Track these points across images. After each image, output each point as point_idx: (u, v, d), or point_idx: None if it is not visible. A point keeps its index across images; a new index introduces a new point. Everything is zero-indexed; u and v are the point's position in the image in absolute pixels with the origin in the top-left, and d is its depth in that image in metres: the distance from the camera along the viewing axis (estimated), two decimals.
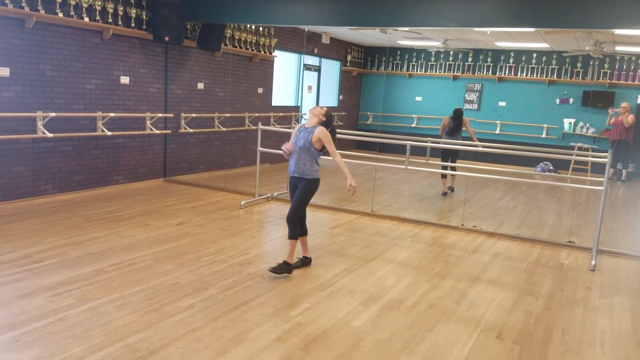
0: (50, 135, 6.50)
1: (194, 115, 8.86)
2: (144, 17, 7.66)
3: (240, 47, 9.61)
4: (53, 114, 6.52)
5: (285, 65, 11.36)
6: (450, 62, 13.25)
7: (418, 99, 13.66)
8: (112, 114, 7.30)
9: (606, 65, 11.80)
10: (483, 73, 12.90)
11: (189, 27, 8.51)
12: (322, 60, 12.64)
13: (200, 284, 4.34)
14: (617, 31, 7.25)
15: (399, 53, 13.86)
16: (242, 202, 7.24)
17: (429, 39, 11.44)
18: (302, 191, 4.66)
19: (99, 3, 6.94)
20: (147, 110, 8.02)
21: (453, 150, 8.51)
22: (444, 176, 8.93)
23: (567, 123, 12.22)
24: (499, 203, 8.64)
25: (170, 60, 8.38)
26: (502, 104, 12.80)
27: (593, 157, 7.05)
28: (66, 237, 5.33)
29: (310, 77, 12.33)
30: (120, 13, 7.27)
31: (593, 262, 5.53)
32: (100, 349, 3.19)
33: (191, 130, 8.83)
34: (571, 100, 12.24)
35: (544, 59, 12.35)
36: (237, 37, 9.49)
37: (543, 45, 11.37)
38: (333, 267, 4.97)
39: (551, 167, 11.80)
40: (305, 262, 4.94)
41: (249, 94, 10.22)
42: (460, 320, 3.98)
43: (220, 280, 4.44)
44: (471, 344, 3.61)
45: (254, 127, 8.14)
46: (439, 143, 8.45)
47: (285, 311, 3.93)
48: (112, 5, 7.11)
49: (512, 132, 12.54)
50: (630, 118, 10.95)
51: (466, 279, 4.91)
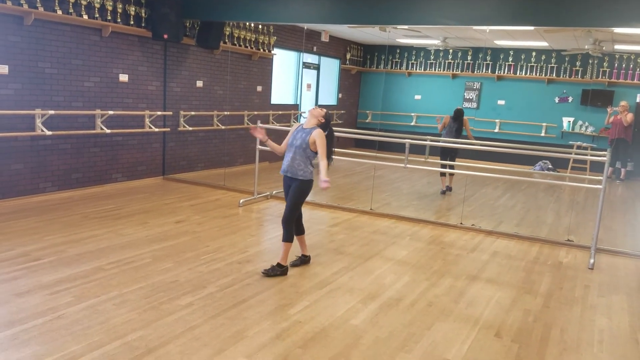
0: (49, 133, 6.50)
1: (192, 113, 8.85)
2: (143, 14, 7.64)
3: (240, 45, 9.60)
4: (52, 112, 6.52)
5: (284, 63, 11.35)
6: (450, 61, 13.25)
7: (417, 97, 13.67)
8: (111, 112, 7.29)
9: (605, 64, 11.80)
10: (482, 71, 12.91)
11: (188, 24, 8.50)
12: (322, 58, 12.63)
13: (199, 282, 4.34)
14: (617, 30, 7.27)
15: (398, 51, 13.85)
16: (241, 201, 7.24)
17: (429, 37, 11.43)
18: (296, 192, 4.63)
19: (98, 0, 6.92)
20: (146, 108, 8.01)
21: (452, 149, 8.50)
22: (443, 174, 8.92)
23: (566, 122, 12.23)
24: (497, 202, 8.65)
25: (169, 58, 8.37)
26: (501, 102, 12.80)
27: (592, 155, 7.05)
28: (65, 234, 5.32)
29: (309, 75, 12.32)
30: (119, 11, 7.26)
31: (592, 261, 5.53)
32: (98, 347, 3.19)
33: (190, 129, 8.82)
34: (570, 99, 12.25)
35: (543, 57, 12.36)
36: (236, 35, 9.48)
37: (542, 44, 11.37)
38: (332, 266, 4.97)
39: (550, 166, 11.81)
40: (304, 260, 4.94)
41: (248, 92, 10.21)
42: (458, 318, 3.99)
43: (219, 278, 4.44)
44: (470, 342, 3.61)
45: (253, 125, 8.12)
46: (439, 142, 8.46)
47: (284, 309, 3.93)
48: (111, 3, 7.10)
49: (511, 131, 12.55)
50: (629, 117, 10.96)
51: (465, 277, 4.92)
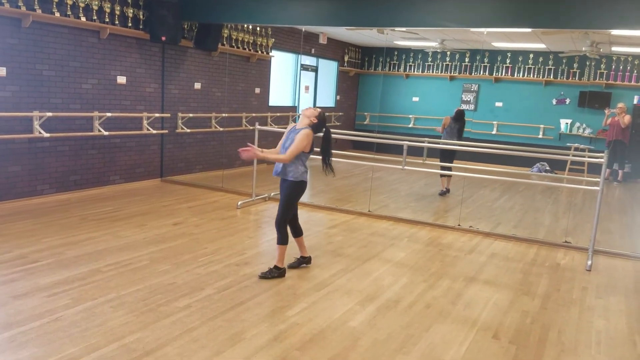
0: (46, 135, 6.49)
1: (191, 115, 8.84)
2: (141, 16, 7.65)
3: (238, 47, 9.61)
4: (50, 114, 6.51)
5: (282, 65, 11.35)
6: (447, 63, 13.26)
7: (415, 99, 13.68)
8: (108, 114, 7.29)
9: (602, 66, 11.82)
10: (480, 73, 12.92)
11: (186, 27, 8.50)
12: (320, 60, 12.64)
13: (197, 284, 4.33)
14: (614, 32, 7.28)
15: (396, 53, 13.87)
16: (239, 203, 7.24)
17: (426, 40, 11.45)
18: (286, 194, 4.56)
19: (96, 3, 6.92)
20: (144, 110, 8.01)
21: (452, 151, 8.51)
22: (444, 175, 8.91)
23: (564, 123, 12.25)
24: (495, 203, 8.65)
25: (167, 60, 8.37)
26: (499, 104, 12.82)
27: (589, 157, 7.06)
28: (62, 237, 5.32)
29: (307, 77, 12.33)
30: (117, 13, 7.26)
31: (589, 262, 5.54)
32: (96, 349, 3.18)
33: (188, 130, 8.82)
34: (568, 101, 12.27)
35: (540, 59, 12.38)
36: (234, 37, 9.48)
37: (540, 46, 11.39)
38: (330, 267, 4.97)
39: (547, 168, 11.82)
40: (303, 261, 4.91)
41: (246, 94, 10.21)
42: (456, 320, 3.99)
43: (216, 280, 4.44)
44: (467, 343, 3.62)
45: (251, 127, 8.14)
46: (437, 143, 8.46)
47: (282, 311, 3.93)
48: (109, 5, 7.10)
49: (509, 133, 12.56)
50: (627, 118, 10.99)
51: (462, 279, 4.92)
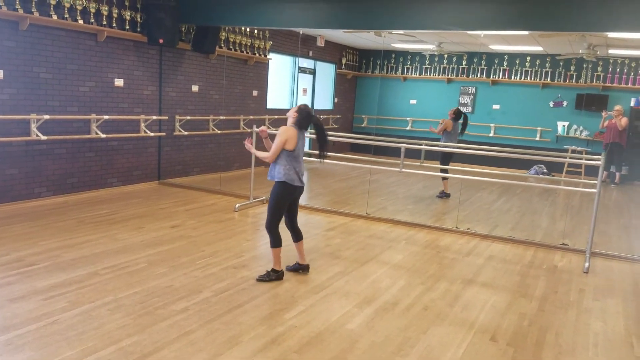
0: (44, 137, 6.48)
1: (188, 117, 8.84)
2: (139, 19, 7.65)
3: (235, 50, 9.61)
4: (47, 117, 6.50)
5: (280, 67, 11.36)
6: (445, 65, 13.30)
7: (413, 101, 13.71)
8: (106, 117, 7.28)
9: (599, 68, 11.86)
10: (477, 76, 12.95)
11: (183, 29, 8.51)
12: (317, 63, 12.66)
13: (194, 286, 4.33)
14: (611, 34, 7.31)
15: (393, 56, 13.90)
16: (237, 205, 7.23)
17: (424, 42, 11.47)
18: (271, 195, 4.53)
19: (94, 5, 6.92)
20: (141, 112, 8.00)
21: (452, 154, 8.51)
22: (445, 178, 8.87)
23: (561, 126, 12.28)
24: (493, 206, 8.66)
25: (165, 62, 8.37)
26: (496, 107, 12.85)
27: (586, 159, 7.08)
28: (60, 240, 5.31)
29: (305, 80, 12.35)
30: (115, 15, 7.26)
31: (586, 265, 5.55)
32: (93, 353, 3.18)
33: (186, 133, 8.82)
34: (565, 103, 12.30)
35: (537, 62, 12.41)
36: (231, 40, 9.49)
37: (537, 49, 11.42)
38: (327, 270, 4.97)
39: (545, 170, 11.85)
40: (299, 268, 4.80)
41: (244, 96, 10.22)
42: (454, 322, 3.99)
43: (214, 283, 4.44)
44: (465, 346, 3.62)
45: (249, 130, 8.12)
46: (434, 146, 8.47)
47: (280, 314, 3.92)
48: (106, 8, 7.10)
49: (506, 135, 12.59)
50: (624, 121, 11.02)
51: (460, 281, 4.92)
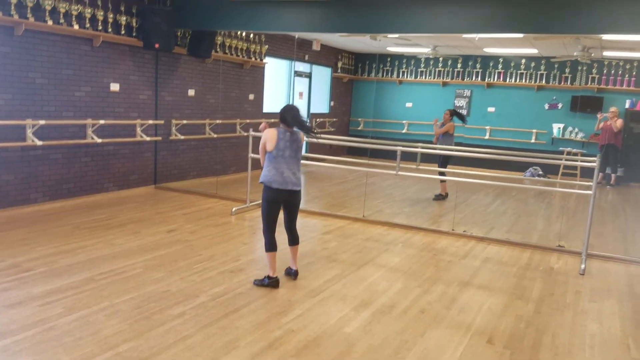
0: (39, 143, 6.47)
1: (184, 122, 8.84)
2: (134, 24, 7.65)
3: (231, 54, 9.62)
4: (43, 122, 6.49)
5: (276, 71, 11.37)
6: (440, 69, 13.34)
7: (408, 105, 13.75)
8: (102, 121, 7.28)
9: (594, 71, 11.91)
10: (472, 79, 12.99)
11: (179, 34, 8.51)
12: (313, 66, 12.68)
13: (191, 291, 4.32)
14: (605, 37, 7.34)
15: (389, 60, 13.93)
16: (234, 209, 7.23)
17: (419, 46, 11.50)
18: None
19: (89, 10, 6.92)
20: (137, 117, 8.00)
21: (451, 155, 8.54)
22: (444, 180, 8.90)
23: (556, 128, 12.32)
24: (489, 208, 8.69)
25: (161, 67, 8.37)
26: (491, 109, 12.89)
27: (582, 161, 7.10)
28: (56, 245, 5.29)
29: (301, 84, 12.36)
30: (110, 20, 7.26)
31: (582, 266, 5.57)
32: (89, 358, 3.17)
33: (182, 137, 8.82)
34: (560, 106, 12.35)
35: (532, 64, 12.46)
36: (227, 44, 9.50)
37: (532, 51, 11.47)
38: (324, 273, 4.97)
39: (540, 172, 11.89)
40: (290, 272, 4.78)
41: (240, 100, 10.22)
42: (451, 325, 4.00)
43: (211, 287, 4.43)
44: (462, 348, 3.62)
45: (245, 134, 8.13)
46: (430, 149, 8.48)
47: (277, 318, 3.92)
48: (102, 13, 7.10)
49: (502, 138, 12.62)
50: (619, 122, 11.07)
51: (457, 283, 4.93)
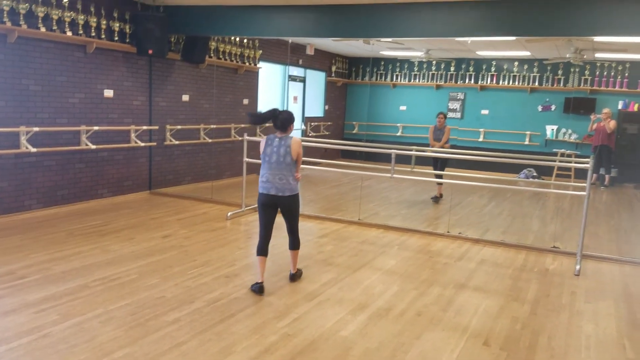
0: (33, 150, 6.45)
1: (179, 127, 8.83)
2: (128, 30, 7.64)
3: (225, 59, 9.63)
4: (36, 129, 6.47)
5: (270, 76, 11.38)
6: (433, 72, 13.39)
7: (402, 108, 13.79)
8: (96, 128, 7.26)
9: (587, 72, 11.99)
10: (465, 82, 13.04)
11: (173, 39, 8.51)
12: (307, 71, 12.70)
13: (186, 297, 4.31)
14: (597, 38, 7.38)
15: (382, 63, 13.98)
16: (229, 213, 7.22)
17: (412, 49, 11.55)
18: None
19: (82, 17, 6.91)
20: (131, 123, 7.98)
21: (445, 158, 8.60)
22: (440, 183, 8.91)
23: (550, 130, 12.38)
24: (483, 210, 8.70)
25: (155, 73, 8.36)
26: (485, 112, 12.94)
27: (576, 163, 7.14)
28: (50, 252, 5.27)
29: (295, 88, 12.38)
30: (104, 27, 7.25)
31: (578, 267, 5.58)
32: None
33: (176, 142, 8.80)
34: (553, 107, 12.41)
35: (525, 67, 12.53)
36: (221, 49, 9.51)
37: (524, 54, 11.53)
38: (321, 277, 4.97)
39: (535, 174, 11.93)
40: (292, 275, 4.83)
41: (234, 105, 10.22)
42: (447, 327, 4.00)
43: (206, 293, 4.42)
44: (458, 351, 3.62)
45: (240, 138, 8.12)
46: (429, 152, 8.51)
47: (273, 322, 3.91)
48: (95, 19, 7.09)
49: (496, 140, 12.68)
50: (612, 124, 11.13)
51: (453, 286, 4.94)
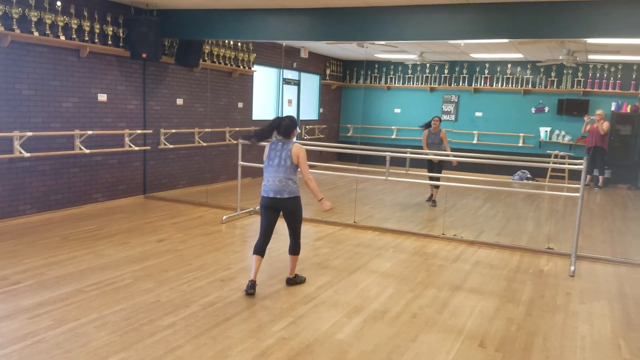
0: (27, 154, 6.42)
1: (173, 131, 8.82)
2: (121, 34, 7.63)
3: (219, 63, 9.63)
4: (30, 134, 6.45)
5: (264, 79, 11.39)
6: (427, 75, 13.43)
7: (397, 110, 13.82)
8: (90, 132, 7.24)
9: (580, 74, 12.06)
10: (459, 84, 13.09)
11: (166, 43, 8.50)
12: (302, 74, 12.71)
13: (181, 301, 4.29)
14: (589, 40, 7.43)
15: (376, 66, 14.01)
16: (224, 217, 7.21)
17: (406, 52, 11.58)
18: None
19: (75, 21, 6.90)
20: (125, 127, 7.96)
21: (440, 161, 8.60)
22: (437, 186, 8.93)
23: (543, 131, 12.44)
24: (478, 212, 8.73)
25: (149, 76, 8.35)
26: (478, 114, 12.99)
27: (569, 164, 7.18)
28: (44, 257, 5.24)
29: (290, 91, 12.39)
30: (97, 31, 7.24)
31: (572, 268, 5.60)
32: None
33: (171, 146, 8.79)
34: (546, 109, 12.47)
35: (518, 69, 12.59)
36: (215, 53, 9.50)
37: (517, 56, 11.58)
38: (316, 280, 4.97)
39: (529, 175, 11.97)
40: (289, 280, 4.83)
41: (229, 108, 10.22)
42: (442, 329, 4.00)
43: (201, 297, 4.41)
44: (454, 352, 3.63)
45: (235, 142, 8.13)
46: (424, 154, 8.53)
47: (268, 326, 3.91)
48: (88, 24, 7.07)
49: (490, 142, 12.73)
50: (606, 125, 11.20)
51: (448, 287, 4.95)
